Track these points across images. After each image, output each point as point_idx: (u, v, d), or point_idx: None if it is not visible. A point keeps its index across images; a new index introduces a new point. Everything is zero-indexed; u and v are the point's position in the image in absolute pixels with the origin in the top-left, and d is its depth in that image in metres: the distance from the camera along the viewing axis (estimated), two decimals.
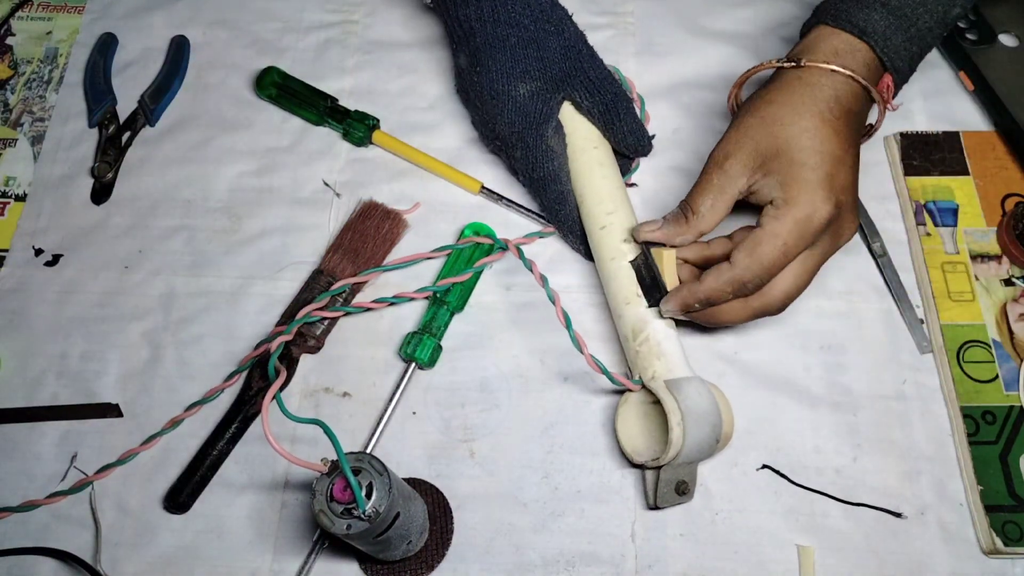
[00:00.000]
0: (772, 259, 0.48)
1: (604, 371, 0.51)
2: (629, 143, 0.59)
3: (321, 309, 0.56)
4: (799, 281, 0.50)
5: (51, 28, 0.70)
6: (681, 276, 0.53)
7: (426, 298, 0.57)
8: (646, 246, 0.53)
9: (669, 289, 0.51)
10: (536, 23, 0.57)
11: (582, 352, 0.51)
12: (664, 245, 0.53)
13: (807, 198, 0.48)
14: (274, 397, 0.46)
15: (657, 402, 0.50)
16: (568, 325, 0.52)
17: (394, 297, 0.57)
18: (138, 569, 0.51)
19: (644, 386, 0.51)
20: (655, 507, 0.50)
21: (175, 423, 0.55)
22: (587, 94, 0.57)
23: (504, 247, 0.58)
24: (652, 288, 0.52)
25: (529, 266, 0.55)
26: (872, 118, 0.56)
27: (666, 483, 0.49)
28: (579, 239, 0.58)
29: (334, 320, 0.57)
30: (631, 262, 0.53)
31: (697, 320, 0.52)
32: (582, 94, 0.57)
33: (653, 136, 0.61)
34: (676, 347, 0.52)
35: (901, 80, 0.54)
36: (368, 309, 0.57)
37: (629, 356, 0.53)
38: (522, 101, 0.56)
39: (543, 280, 0.54)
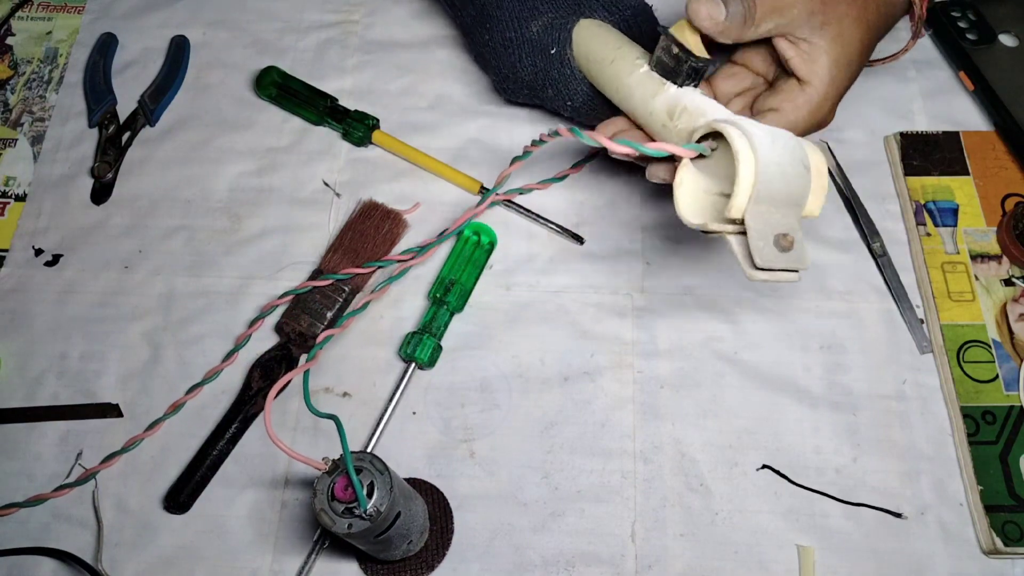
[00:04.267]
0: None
1: (638, 147, 0.42)
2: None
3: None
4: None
5: (51, 28, 0.70)
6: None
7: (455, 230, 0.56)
8: (665, 31, 0.48)
9: (697, 53, 0.46)
10: None
11: (602, 143, 0.43)
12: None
13: (830, 86, 0.49)
14: (283, 388, 0.46)
15: (724, 193, 0.42)
16: (576, 132, 0.44)
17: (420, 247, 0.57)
18: (138, 569, 0.51)
19: (702, 147, 0.43)
20: (758, 270, 0.39)
21: (177, 407, 0.55)
22: (605, 13, 0.55)
23: (556, 133, 0.49)
24: (678, 65, 0.47)
25: (554, 132, 0.47)
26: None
27: (759, 234, 0.39)
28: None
29: (334, 320, 0.57)
30: (650, 63, 0.49)
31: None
32: (601, 14, 0.55)
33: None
34: (719, 106, 0.46)
35: None
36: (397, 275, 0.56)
37: (672, 141, 0.46)
38: (536, 38, 0.55)
39: (572, 131, 0.44)
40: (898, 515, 0.52)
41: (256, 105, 0.66)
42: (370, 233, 0.59)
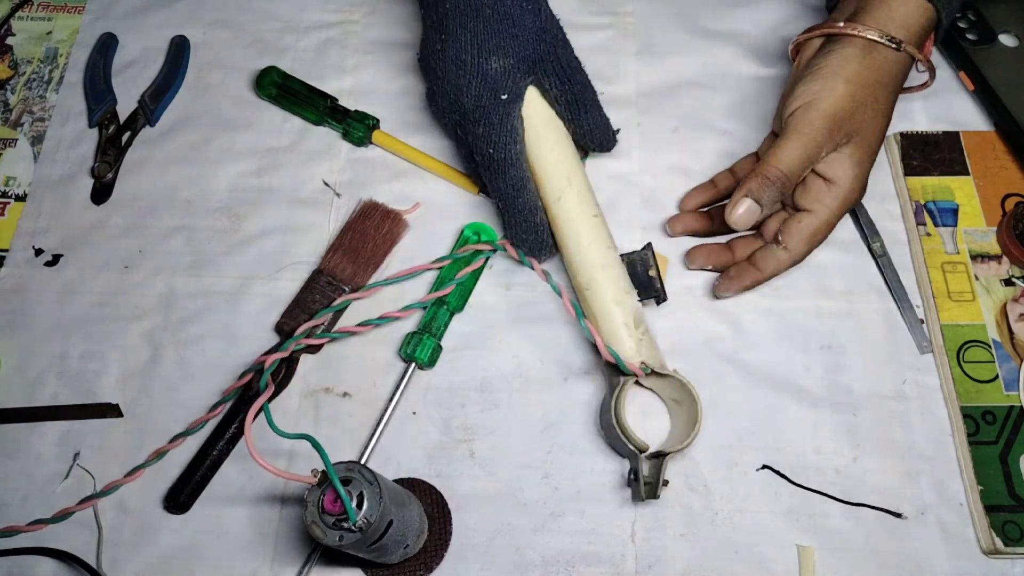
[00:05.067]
0: (823, 238, 0.55)
1: (618, 359, 0.51)
2: (595, 137, 0.58)
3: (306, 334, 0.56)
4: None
5: (51, 28, 0.70)
6: (687, 224, 0.59)
7: (425, 304, 0.57)
8: (649, 246, 0.56)
9: (664, 293, 0.56)
10: None
11: (595, 340, 0.51)
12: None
13: (858, 185, 0.54)
14: (260, 410, 0.46)
15: (629, 403, 0.53)
16: (579, 315, 0.52)
17: (379, 319, 0.56)
18: (138, 569, 0.51)
19: (653, 373, 0.52)
20: (650, 498, 0.50)
21: (199, 424, 0.54)
22: (557, 81, 0.55)
23: (502, 249, 0.57)
24: (648, 286, 0.55)
25: (530, 264, 0.55)
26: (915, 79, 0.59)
27: (660, 472, 0.50)
28: (536, 230, 0.55)
29: (334, 320, 0.57)
30: (624, 255, 0.55)
31: (724, 289, 0.57)
32: (552, 80, 0.55)
33: (618, 131, 0.60)
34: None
35: (941, 31, 0.57)
36: (352, 334, 0.56)
37: (627, 344, 0.52)
38: (493, 76, 0.54)
39: (546, 275, 0.54)
40: (898, 515, 0.52)
41: (256, 105, 0.66)
42: (370, 233, 0.59)
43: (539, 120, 0.55)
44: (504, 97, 0.53)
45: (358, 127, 0.63)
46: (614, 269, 0.53)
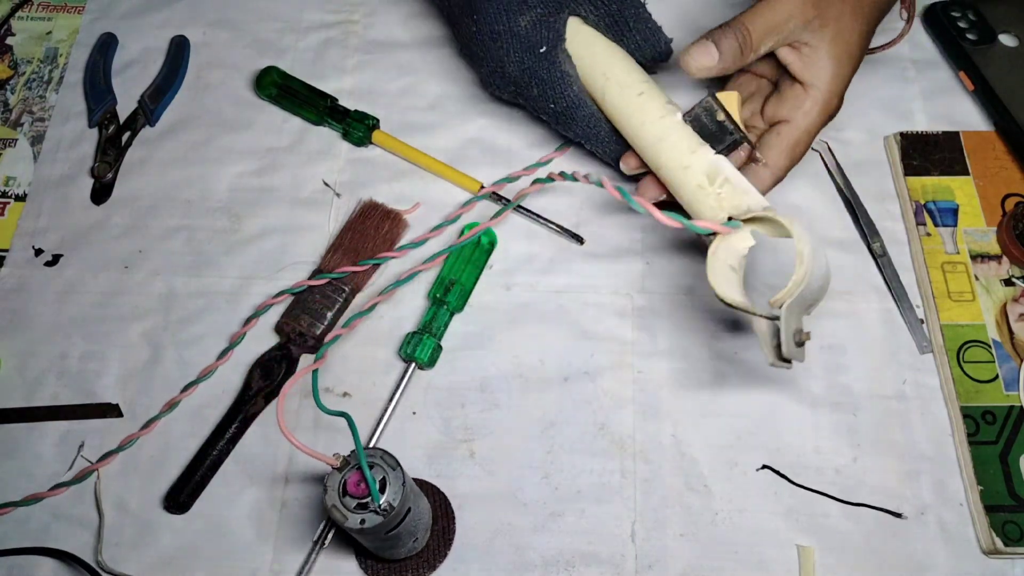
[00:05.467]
0: (804, 150, 0.52)
1: (685, 223, 0.46)
2: (645, 51, 0.55)
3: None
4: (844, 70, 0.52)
5: (51, 28, 0.70)
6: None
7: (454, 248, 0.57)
8: (711, 92, 0.51)
9: (742, 128, 0.50)
10: None
11: (651, 213, 0.46)
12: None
13: (834, 82, 0.51)
14: (297, 382, 0.46)
15: (735, 267, 0.47)
16: (624, 195, 0.47)
17: (409, 277, 0.57)
18: (138, 569, 0.51)
19: (740, 224, 0.47)
20: (785, 360, 0.45)
21: (172, 405, 0.55)
22: (591, 7, 0.54)
23: (598, 183, 0.51)
24: (720, 133, 0.50)
25: (598, 181, 0.50)
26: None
27: (788, 327, 0.44)
28: (615, 153, 0.56)
29: (334, 320, 0.57)
30: (685, 115, 0.51)
31: (775, 162, 0.53)
32: (587, 8, 0.54)
33: (671, 40, 0.57)
34: (752, 187, 0.49)
35: None
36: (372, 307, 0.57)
37: (708, 204, 0.48)
38: (525, 34, 0.53)
39: (620, 192, 0.48)
40: (898, 515, 0.52)
41: (256, 105, 0.66)
42: (370, 233, 0.59)
43: (584, 47, 0.54)
44: (543, 50, 0.53)
45: (358, 127, 0.63)
46: (671, 136, 0.50)
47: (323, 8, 0.70)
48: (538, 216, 0.60)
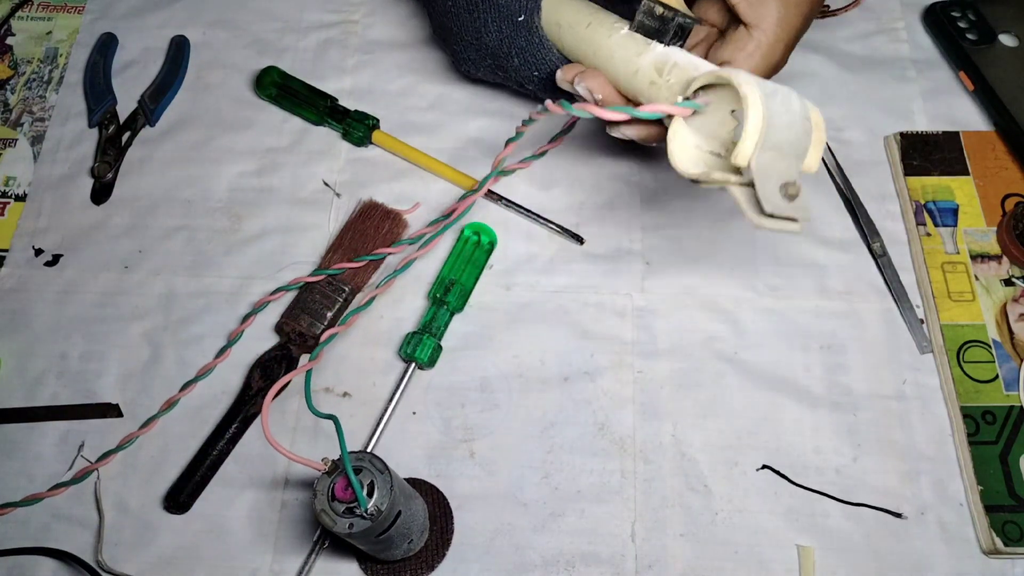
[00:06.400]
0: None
1: (632, 111, 0.41)
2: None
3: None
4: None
5: (51, 28, 0.70)
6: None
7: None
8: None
9: (683, 11, 0.47)
10: None
11: (592, 112, 0.42)
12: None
13: (780, 27, 0.47)
14: (280, 390, 0.46)
15: (723, 152, 0.41)
16: (565, 106, 0.43)
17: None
18: (138, 569, 0.51)
19: (696, 103, 0.41)
20: (768, 217, 0.38)
21: (171, 404, 0.55)
22: None
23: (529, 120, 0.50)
24: (663, 25, 0.47)
25: (543, 108, 0.46)
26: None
27: (765, 180, 0.38)
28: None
29: (334, 320, 0.57)
30: (631, 27, 0.48)
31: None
32: None
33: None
34: (705, 62, 0.45)
35: None
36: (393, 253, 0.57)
37: (662, 97, 0.45)
38: (503, 3, 0.53)
39: (562, 105, 0.43)
40: (898, 515, 0.52)
41: (256, 105, 0.66)
42: (370, 233, 0.59)
43: (565, 9, 0.52)
44: (521, 19, 0.53)
45: (358, 127, 0.63)
46: (619, 50, 0.48)
47: (323, 8, 0.70)
48: (538, 216, 0.60)
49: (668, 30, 0.47)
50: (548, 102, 0.45)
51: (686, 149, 0.43)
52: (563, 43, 0.53)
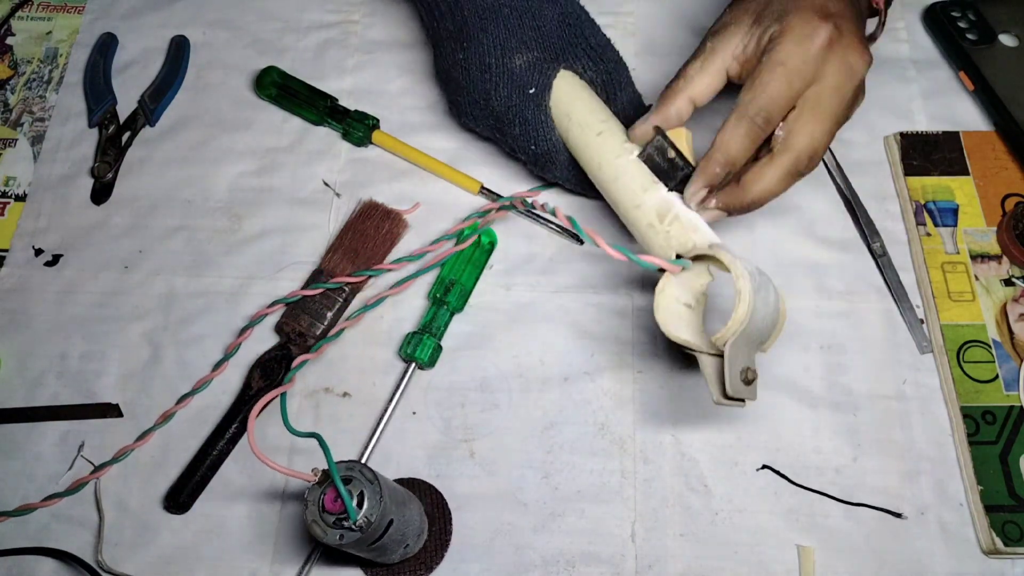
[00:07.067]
0: (775, 86, 0.46)
1: (631, 256, 0.45)
2: (628, 113, 0.57)
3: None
4: (824, 126, 0.47)
5: (51, 28, 0.70)
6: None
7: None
8: (660, 131, 0.50)
9: (693, 164, 0.49)
10: None
11: (596, 243, 0.46)
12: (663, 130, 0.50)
13: (801, 20, 0.46)
14: (265, 406, 0.46)
15: (692, 304, 0.48)
16: (574, 224, 0.48)
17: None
18: (138, 569, 0.51)
19: (687, 263, 0.46)
20: (730, 398, 0.44)
21: (167, 417, 0.55)
22: (590, 63, 0.55)
23: (511, 206, 0.56)
24: (671, 170, 0.49)
25: (552, 210, 0.51)
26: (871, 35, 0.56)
27: (733, 365, 0.44)
28: (595, 193, 0.55)
29: (334, 320, 0.57)
30: (640, 154, 0.50)
31: (732, 206, 0.49)
32: (584, 63, 0.55)
33: (650, 105, 0.58)
34: (704, 223, 0.49)
35: None
36: (388, 269, 0.57)
37: (658, 242, 0.49)
38: (518, 73, 0.53)
39: (571, 221, 0.49)
40: (898, 515, 0.52)
41: (256, 105, 0.66)
42: (370, 233, 0.59)
43: (578, 105, 0.54)
44: (532, 91, 0.53)
45: (358, 127, 0.63)
46: (625, 176, 0.50)
47: (323, 8, 0.70)
48: (538, 216, 0.60)
49: (675, 176, 0.49)
50: (558, 210, 0.50)
51: (667, 301, 0.48)
52: (569, 136, 0.54)
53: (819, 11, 0.47)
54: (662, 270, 0.47)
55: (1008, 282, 0.57)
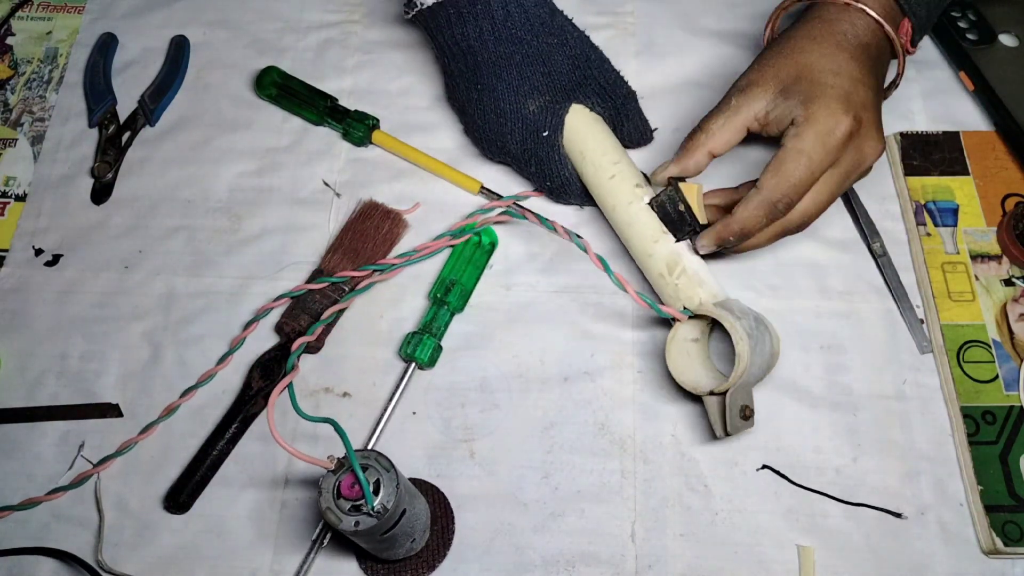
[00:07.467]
0: (799, 176, 0.49)
1: (652, 304, 0.51)
2: (634, 138, 0.60)
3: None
4: (820, 199, 0.51)
5: (51, 28, 0.70)
6: (709, 217, 0.54)
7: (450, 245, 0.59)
8: (674, 182, 0.53)
9: (700, 220, 0.52)
10: (539, 37, 0.56)
11: (626, 290, 0.52)
12: (683, 179, 0.53)
13: (826, 112, 0.49)
14: (283, 390, 0.47)
15: (698, 338, 0.53)
16: (607, 269, 0.53)
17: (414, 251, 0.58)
18: (138, 569, 0.51)
19: (693, 315, 0.51)
20: (727, 435, 0.50)
21: (171, 411, 0.55)
22: (599, 99, 0.57)
23: (518, 214, 0.58)
24: (680, 223, 0.53)
25: (551, 227, 0.56)
26: (892, 74, 0.58)
27: (733, 408, 0.49)
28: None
29: (334, 320, 0.57)
30: (650, 202, 0.54)
31: (725, 247, 0.53)
32: (594, 100, 0.57)
33: (656, 129, 0.62)
34: (711, 275, 0.53)
35: (920, 28, 0.55)
36: (392, 266, 0.58)
37: (667, 292, 0.53)
38: (532, 118, 0.56)
39: (568, 234, 0.54)
40: (898, 515, 0.52)
41: (256, 105, 0.66)
42: (370, 233, 0.59)
43: (592, 144, 0.57)
44: (545, 134, 0.56)
45: (358, 127, 0.63)
46: (637, 224, 0.54)
47: (323, 8, 0.70)
48: (539, 216, 0.60)
49: (683, 230, 0.53)
50: (588, 246, 0.53)
51: (677, 345, 0.52)
52: (583, 171, 0.57)
53: (843, 101, 0.50)
54: (675, 318, 0.52)
55: (1008, 282, 0.57)
